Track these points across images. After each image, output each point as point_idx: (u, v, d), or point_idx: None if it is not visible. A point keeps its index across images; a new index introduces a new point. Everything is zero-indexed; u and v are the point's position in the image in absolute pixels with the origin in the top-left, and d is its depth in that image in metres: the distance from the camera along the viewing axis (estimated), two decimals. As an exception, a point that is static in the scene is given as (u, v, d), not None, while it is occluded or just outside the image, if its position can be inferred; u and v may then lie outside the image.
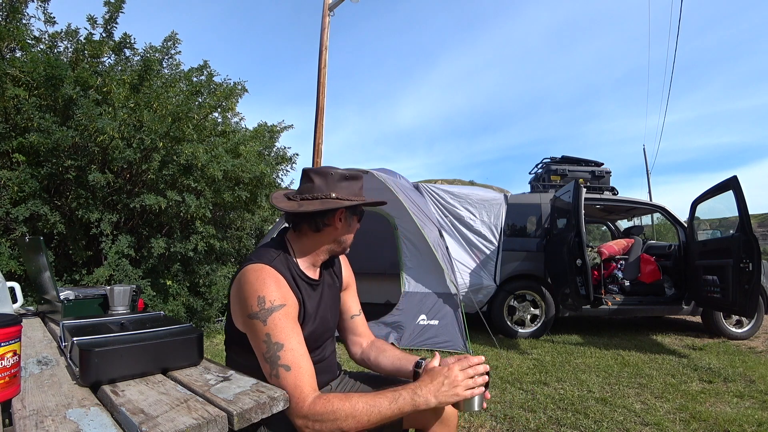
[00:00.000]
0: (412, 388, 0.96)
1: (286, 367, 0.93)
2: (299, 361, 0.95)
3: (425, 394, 0.95)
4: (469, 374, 0.99)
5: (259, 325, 0.96)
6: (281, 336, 0.95)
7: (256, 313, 0.96)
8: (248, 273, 1.02)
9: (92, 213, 3.85)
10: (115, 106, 4.09)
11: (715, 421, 2.29)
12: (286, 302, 1.00)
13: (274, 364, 0.93)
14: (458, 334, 3.84)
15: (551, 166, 5.72)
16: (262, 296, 0.97)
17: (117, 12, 4.45)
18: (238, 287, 1.03)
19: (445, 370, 0.99)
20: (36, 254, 1.63)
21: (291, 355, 0.94)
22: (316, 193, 1.12)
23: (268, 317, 0.96)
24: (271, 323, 0.96)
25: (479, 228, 4.84)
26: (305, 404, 0.91)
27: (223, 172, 4.37)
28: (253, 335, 0.98)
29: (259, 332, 0.96)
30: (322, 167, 1.16)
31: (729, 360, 3.55)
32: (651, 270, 4.81)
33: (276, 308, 0.97)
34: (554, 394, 2.73)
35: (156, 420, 0.68)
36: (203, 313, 4.52)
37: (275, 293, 0.99)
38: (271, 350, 0.94)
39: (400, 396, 0.94)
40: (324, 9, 8.06)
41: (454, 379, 0.97)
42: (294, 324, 1.00)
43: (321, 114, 7.99)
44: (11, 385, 0.76)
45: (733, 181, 3.65)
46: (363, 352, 1.30)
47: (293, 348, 0.95)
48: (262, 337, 0.96)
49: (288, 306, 1.00)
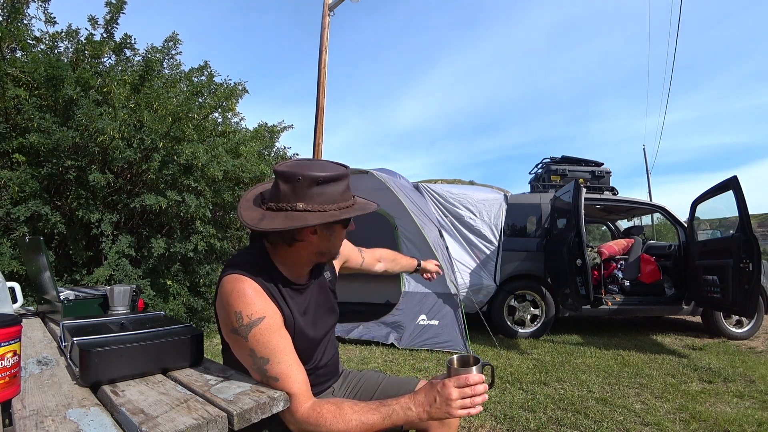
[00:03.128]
0: (405, 402, 0.94)
1: (275, 378, 0.91)
2: (287, 371, 0.92)
3: (418, 410, 0.93)
4: (466, 393, 0.94)
5: (241, 341, 0.92)
6: (264, 350, 0.92)
7: (236, 329, 0.92)
8: (225, 285, 0.97)
9: (92, 213, 3.86)
10: (115, 106, 4.09)
11: (715, 421, 2.29)
12: (266, 314, 0.94)
13: (263, 375, 0.92)
14: (458, 334, 3.84)
15: (551, 166, 5.72)
16: (239, 311, 0.92)
17: (118, 12, 4.45)
18: (219, 300, 0.98)
19: (439, 386, 0.95)
20: (36, 254, 1.63)
21: (278, 368, 0.91)
22: (282, 202, 0.96)
23: (248, 333, 0.92)
24: (253, 339, 0.91)
25: (479, 228, 4.84)
26: (298, 413, 0.90)
27: (223, 172, 4.37)
28: (238, 350, 0.95)
29: (242, 348, 0.93)
30: (290, 168, 0.96)
31: (729, 360, 3.55)
32: (651, 270, 4.81)
33: (255, 323, 0.92)
34: (554, 394, 2.73)
35: (156, 420, 0.68)
36: (203, 313, 4.53)
37: (252, 306, 0.93)
38: (257, 363, 0.92)
39: (393, 412, 0.93)
40: (324, 9, 8.07)
41: (448, 397, 0.93)
42: (278, 335, 0.95)
43: (321, 114, 7.99)
44: (11, 385, 0.76)
45: (733, 181, 3.65)
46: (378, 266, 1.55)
47: (279, 361, 0.92)
48: (246, 352, 0.93)
49: (268, 317, 0.94)
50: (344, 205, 1.00)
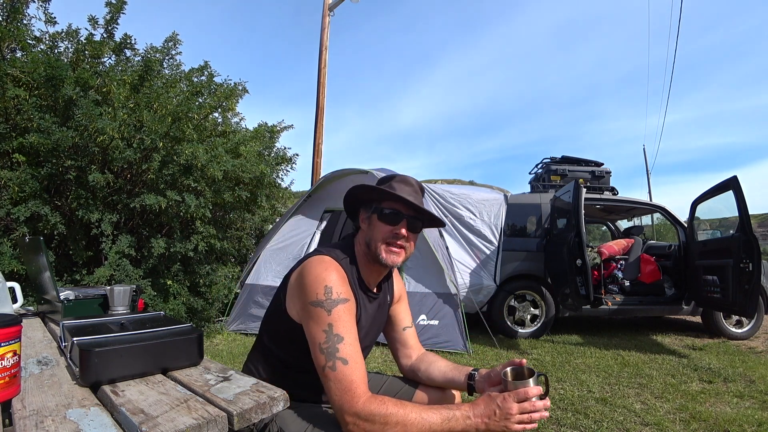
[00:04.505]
0: (466, 411, 0.93)
1: (344, 360, 0.91)
2: (356, 356, 0.93)
3: (476, 420, 0.92)
4: (526, 408, 0.93)
5: (323, 314, 0.94)
6: (343, 329, 0.94)
7: (321, 302, 0.95)
8: (315, 262, 1.01)
9: (92, 213, 3.86)
10: (115, 106, 4.09)
11: (715, 421, 2.29)
12: (351, 298, 1.00)
13: (331, 356, 0.91)
14: (458, 334, 3.84)
15: (551, 166, 5.72)
16: (330, 286, 0.96)
17: (118, 12, 4.45)
18: (301, 274, 1.01)
19: (500, 399, 0.94)
20: (36, 254, 1.63)
21: (350, 349, 0.92)
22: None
23: (333, 308, 0.94)
24: (336, 314, 0.94)
25: (479, 228, 4.84)
26: (360, 401, 0.88)
27: (223, 172, 4.37)
28: (314, 323, 0.96)
29: (321, 321, 0.94)
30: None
31: (729, 360, 3.55)
32: (651, 270, 4.81)
33: (341, 301, 0.96)
34: (554, 394, 2.73)
35: (156, 420, 0.68)
36: (203, 313, 4.52)
37: (342, 287, 0.98)
38: (331, 341, 0.92)
39: (453, 416, 0.92)
40: (324, 9, 8.07)
41: (508, 411, 0.92)
42: (354, 321, 0.99)
43: (321, 114, 7.99)
44: (11, 385, 0.76)
45: (733, 181, 3.65)
46: (413, 365, 1.26)
47: (352, 343, 0.94)
48: (323, 326, 0.94)
49: (351, 302, 1.00)
50: (394, 193, 1.08)
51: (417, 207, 1.09)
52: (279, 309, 1.08)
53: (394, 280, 1.29)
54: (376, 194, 1.12)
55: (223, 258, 5.41)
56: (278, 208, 6.59)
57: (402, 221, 1.08)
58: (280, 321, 1.06)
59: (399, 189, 1.11)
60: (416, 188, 1.16)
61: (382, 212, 1.09)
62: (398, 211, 1.08)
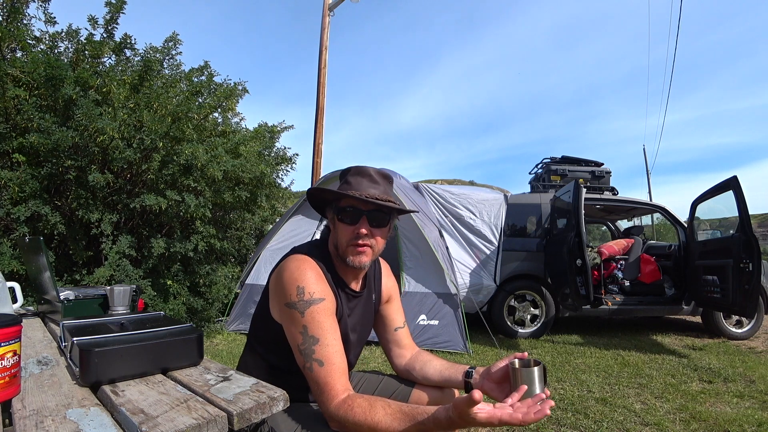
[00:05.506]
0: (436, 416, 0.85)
1: (320, 362, 0.91)
2: (333, 357, 0.93)
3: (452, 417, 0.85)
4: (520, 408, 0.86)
5: (297, 316, 0.94)
6: (317, 330, 0.94)
7: (294, 303, 0.95)
8: (290, 262, 1.00)
9: (92, 213, 3.86)
10: (115, 106, 4.09)
11: (715, 421, 2.29)
12: (326, 296, 0.98)
13: (308, 357, 0.92)
14: (458, 334, 3.84)
15: (551, 166, 5.72)
16: (302, 287, 0.95)
17: (118, 12, 4.45)
18: (278, 275, 1.01)
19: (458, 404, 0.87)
20: (36, 254, 1.63)
21: (325, 351, 0.92)
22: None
23: (306, 309, 0.94)
24: (309, 316, 0.94)
25: (479, 228, 4.84)
26: (332, 404, 0.90)
27: (223, 172, 4.37)
28: (290, 325, 0.96)
29: (296, 323, 0.94)
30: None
31: (729, 360, 3.55)
32: (651, 270, 4.81)
33: (315, 301, 0.95)
34: (554, 394, 2.73)
35: (156, 420, 0.68)
36: (203, 313, 4.52)
37: (315, 286, 0.97)
38: (306, 343, 0.93)
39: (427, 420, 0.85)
40: (324, 9, 8.07)
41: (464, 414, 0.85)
42: (332, 320, 0.98)
43: (321, 114, 7.99)
44: (11, 385, 0.76)
45: (733, 181, 3.64)
46: (407, 364, 1.23)
47: (328, 344, 0.94)
48: (298, 329, 0.94)
49: (327, 300, 0.98)
50: (358, 192, 1.03)
51: (374, 201, 1.01)
52: (264, 311, 1.08)
53: (383, 279, 1.27)
54: (330, 195, 1.09)
55: (223, 258, 5.40)
56: (278, 208, 6.59)
57: (361, 219, 1.03)
58: (265, 322, 1.06)
59: (355, 183, 1.05)
60: (375, 177, 1.07)
61: (341, 213, 1.05)
62: (355, 207, 1.03)
